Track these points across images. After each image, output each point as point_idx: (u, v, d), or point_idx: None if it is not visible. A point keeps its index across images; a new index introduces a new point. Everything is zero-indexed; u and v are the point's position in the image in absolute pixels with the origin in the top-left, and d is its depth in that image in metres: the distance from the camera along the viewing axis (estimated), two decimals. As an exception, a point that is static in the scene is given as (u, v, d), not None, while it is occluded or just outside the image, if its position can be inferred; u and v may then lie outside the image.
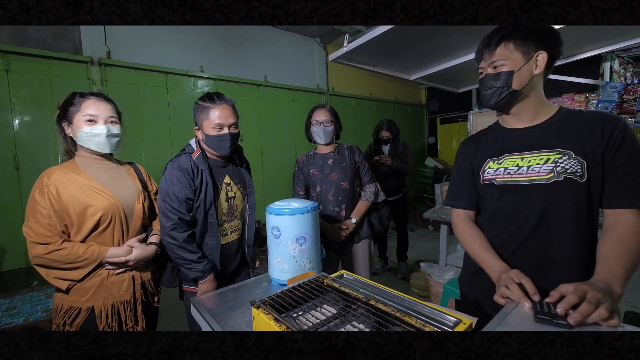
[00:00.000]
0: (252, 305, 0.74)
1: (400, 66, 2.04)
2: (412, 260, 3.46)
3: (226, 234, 1.37)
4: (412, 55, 1.82)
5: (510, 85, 0.86)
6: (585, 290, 0.67)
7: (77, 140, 1.11)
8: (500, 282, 0.81)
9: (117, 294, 1.13)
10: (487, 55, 0.89)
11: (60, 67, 3.16)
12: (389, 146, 3.13)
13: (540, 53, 0.84)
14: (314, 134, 1.74)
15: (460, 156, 1.06)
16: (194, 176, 1.26)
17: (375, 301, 0.73)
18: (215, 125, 1.27)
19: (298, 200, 1.16)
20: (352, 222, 1.70)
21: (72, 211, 1.06)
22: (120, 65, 3.47)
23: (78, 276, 1.07)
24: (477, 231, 0.98)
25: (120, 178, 1.21)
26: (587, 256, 0.84)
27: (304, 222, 1.11)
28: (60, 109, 1.12)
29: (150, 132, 3.66)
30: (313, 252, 1.14)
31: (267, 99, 4.55)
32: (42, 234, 1.02)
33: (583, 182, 0.81)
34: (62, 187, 1.06)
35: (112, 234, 1.12)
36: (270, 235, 1.14)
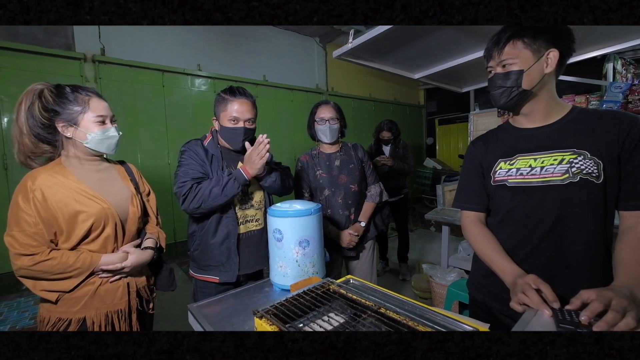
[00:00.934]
0: (254, 315, 0.71)
1: (404, 64, 2.02)
2: (413, 261, 3.43)
3: (242, 223, 1.35)
4: (416, 54, 1.81)
5: (520, 84, 0.83)
6: (609, 298, 0.64)
7: (85, 143, 1.01)
8: (517, 288, 0.77)
9: (110, 303, 1.05)
10: (496, 53, 0.86)
11: (52, 63, 3.08)
12: (390, 147, 3.12)
13: (552, 51, 0.81)
14: (319, 132, 1.65)
15: (470, 156, 1.03)
16: (204, 158, 1.30)
17: (385, 309, 0.70)
18: (231, 118, 1.28)
19: (301, 202, 1.12)
20: (362, 225, 1.67)
21: (61, 218, 0.96)
22: (115, 62, 3.40)
23: (69, 287, 0.98)
24: (488, 234, 0.95)
25: (111, 180, 1.12)
26: (603, 260, 0.82)
27: (307, 224, 1.07)
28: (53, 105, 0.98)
29: (146, 131, 3.61)
30: (317, 255, 1.10)
31: (265, 98, 4.53)
32: (28, 244, 0.92)
33: (599, 183, 0.79)
34: (49, 191, 0.95)
35: (106, 240, 1.04)
36: (272, 239, 1.11)
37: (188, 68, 3.90)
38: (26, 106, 0.98)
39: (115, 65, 3.42)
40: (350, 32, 1.63)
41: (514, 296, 0.77)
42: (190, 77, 3.93)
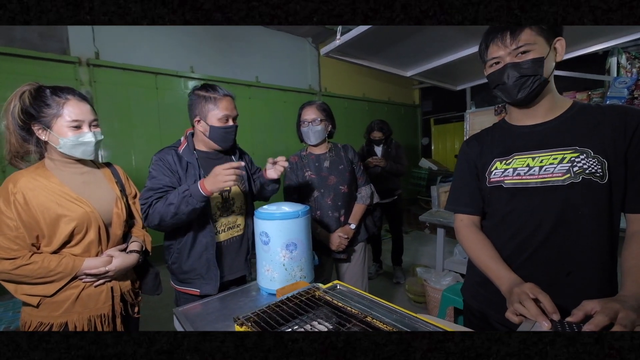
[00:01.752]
0: (235, 322, 0.69)
1: (395, 62, 1.99)
2: (407, 263, 3.39)
3: (223, 230, 1.32)
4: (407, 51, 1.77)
5: (542, 73, 0.76)
6: (615, 310, 0.58)
7: (59, 148, 0.98)
8: (513, 297, 0.71)
9: (94, 307, 1.03)
10: (509, 41, 0.77)
11: (47, 67, 3.11)
12: (382, 147, 3.07)
13: (559, 40, 0.77)
14: (303, 134, 1.63)
15: (463, 157, 0.97)
16: (177, 167, 1.23)
17: (372, 318, 0.68)
18: (222, 117, 1.23)
19: (289, 204, 1.10)
20: (352, 227, 1.64)
21: (42, 221, 0.95)
22: (109, 65, 3.43)
23: (50, 291, 0.96)
24: (483, 238, 0.90)
25: (95, 183, 1.10)
26: (608, 266, 0.77)
27: (294, 227, 1.04)
28: (29, 108, 0.96)
29: (139, 133, 3.63)
30: (304, 259, 1.08)
31: (258, 99, 4.53)
32: (9, 247, 0.91)
33: (604, 184, 0.73)
34: (31, 194, 0.94)
35: (89, 244, 1.03)
36: (258, 242, 1.08)
37: (181, 70, 3.92)
38: (12, 106, 0.97)
39: (109, 68, 3.45)
40: (338, 29, 1.57)
41: (510, 306, 0.72)
42: (183, 79, 3.96)
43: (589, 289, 0.76)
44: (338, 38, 1.56)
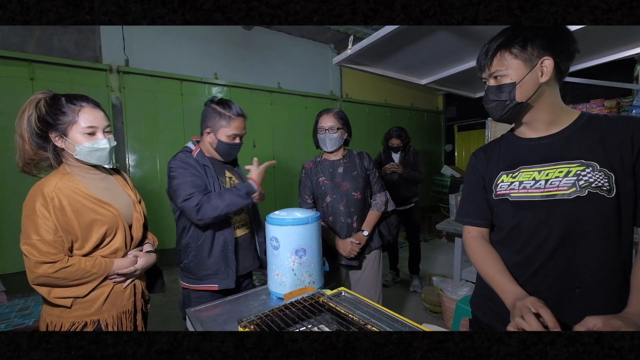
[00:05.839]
0: (239, 325, 0.70)
1: (409, 70, 1.95)
2: (426, 272, 3.32)
3: (237, 227, 1.40)
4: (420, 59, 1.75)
5: (514, 97, 0.78)
6: (617, 327, 0.58)
7: (75, 155, 1.01)
8: (515, 310, 0.71)
9: (120, 304, 1.10)
10: (486, 65, 0.81)
11: (81, 75, 3.28)
12: (400, 154, 3.06)
13: (546, 59, 0.75)
14: (320, 141, 1.66)
15: (471, 169, 0.97)
16: (199, 169, 1.32)
17: (371, 325, 0.68)
18: (231, 135, 1.34)
19: (300, 210, 1.12)
20: (364, 234, 1.62)
21: (77, 226, 0.98)
22: (138, 72, 3.59)
23: (84, 292, 1.00)
24: (490, 251, 0.88)
25: (114, 188, 1.15)
26: (618, 282, 0.75)
27: (304, 233, 1.05)
28: (46, 116, 0.98)
29: (165, 138, 3.76)
30: (314, 265, 1.09)
31: (280, 105, 4.59)
32: (49, 252, 0.93)
33: (611, 198, 0.71)
34: (66, 199, 0.97)
35: (116, 247, 1.08)
36: (269, 246, 1.11)
37: (205, 77, 4.03)
38: (28, 114, 0.99)
39: (138, 75, 3.61)
40: (350, 39, 1.61)
41: (512, 319, 0.71)
42: (207, 85, 4.06)
43: (598, 305, 0.75)
44: (349, 48, 1.57)
